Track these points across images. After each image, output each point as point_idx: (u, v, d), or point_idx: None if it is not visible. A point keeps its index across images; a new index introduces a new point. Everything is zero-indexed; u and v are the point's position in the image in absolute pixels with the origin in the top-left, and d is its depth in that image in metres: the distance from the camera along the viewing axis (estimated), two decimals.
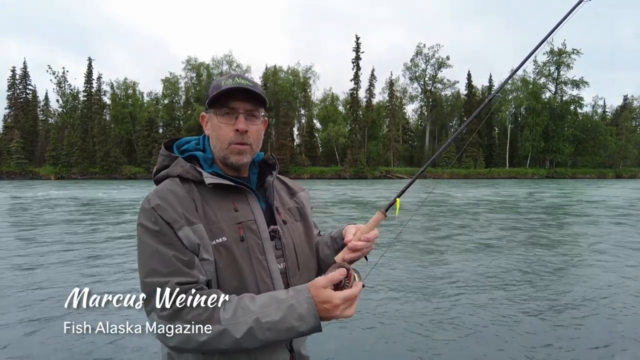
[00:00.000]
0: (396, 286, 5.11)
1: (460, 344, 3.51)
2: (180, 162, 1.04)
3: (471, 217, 12.41)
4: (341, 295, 0.90)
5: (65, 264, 6.36)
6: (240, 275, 0.97)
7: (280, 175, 1.24)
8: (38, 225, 10.69)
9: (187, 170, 1.01)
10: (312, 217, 1.26)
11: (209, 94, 1.04)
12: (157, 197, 0.95)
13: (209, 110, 1.06)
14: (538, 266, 6.14)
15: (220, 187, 1.01)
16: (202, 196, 1.00)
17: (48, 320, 3.94)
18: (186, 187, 0.99)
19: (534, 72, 65.09)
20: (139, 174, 55.43)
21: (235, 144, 1.03)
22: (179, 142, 1.13)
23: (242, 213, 1.02)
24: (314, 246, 1.21)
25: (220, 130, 1.03)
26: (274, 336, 0.87)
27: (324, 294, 0.89)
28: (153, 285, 0.89)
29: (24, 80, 64.68)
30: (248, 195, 1.05)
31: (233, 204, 1.02)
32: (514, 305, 4.42)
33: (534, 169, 60.87)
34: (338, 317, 0.91)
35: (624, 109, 69.79)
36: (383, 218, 1.11)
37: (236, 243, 0.98)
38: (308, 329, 0.89)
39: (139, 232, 0.95)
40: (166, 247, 0.91)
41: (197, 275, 0.91)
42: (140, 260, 0.95)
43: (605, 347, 3.41)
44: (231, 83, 1.01)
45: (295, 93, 65.74)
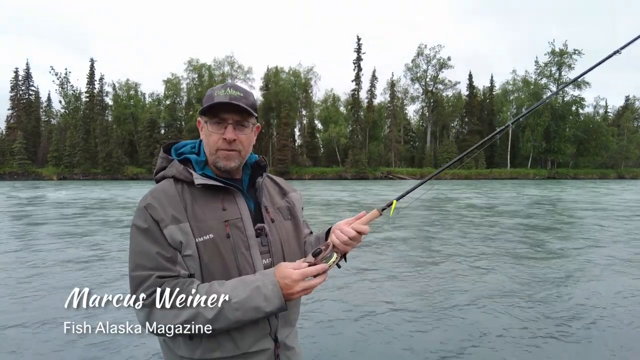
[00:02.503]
0: (394, 285, 5.11)
1: (458, 344, 3.50)
2: (175, 164, 1.14)
3: (472, 217, 12.39)
4: (299, 272, 1.01)
5: (65, 264, 6.37)
6: (226, 269, 1.05)
7: (279, 176, 1.35)
8: (38, 225, 10.72)
9: (180, 172, 1.10)
10: (302, 216, 1.33)
11: (203, 103, 1.13)
12: (150, 197, 1.06)
13: (202, 117, 1.14)
14: (540, 267, 6.12)
15: (210, 187, 1.09)
16: (192, 196, 1.08)
17: (48, 320, 3.95)
18: (179, 187, 1.09)
19: (535, 72, 65.13)
20: (140, 174, 55.53)
21: (223, 150, 1.11)
22: (177, 145, 1.22)
23: (229, 212, 1.09)
24: (302, 243, 1.28)
25: (209, 138, 1.12)
26: (242, 316, 0.97)
27: (284, 271, 1.01)
28: (138, 278, 1.00)
29: (26, 81, 64.98)
30: (236, 195, 1.13)
31: (222, 204, 1.10)
32: (515, 305, 4.41)
33: (535, 169, 60.74)
34: (299, 293, 1.01)
35: (626, 109, 69.61)
36: (378, 215, 1.17)
37: (222, 240, 1.05)
38: (274, 308, 0.99)
39: (131, 229, 1.06)
40: (152, 244, 1.01)
41: (178, 270, 1.01)
42: (130, 255, 1.04)
43: (607, 349, 3.41)
44: (223, 94, 1.10)
45: (297, 94, 65.78)
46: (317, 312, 4.17)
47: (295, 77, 65.73)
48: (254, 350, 1.08)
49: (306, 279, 1.02)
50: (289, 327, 1.18)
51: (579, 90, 62.47)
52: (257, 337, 1.08)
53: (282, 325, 1.14)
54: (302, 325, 3.78)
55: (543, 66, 64.03)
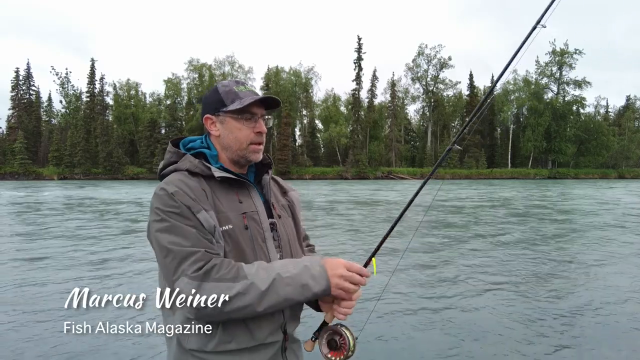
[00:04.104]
0: (397, 287, 5.10)
1: (462, 344, 3.50)
2: (189, 157, 1.13)
3: (473, 218, 12.38)
4: (345, 262, 1.08)
5: (65, 264, 6.38)
6: (244, 259, 1.07)
7: (280, 176, 1.38)
8: (39, 225, 10.73)
9: (196, 165, 1.11)
10: (300, 216, 1.35)
11: (223, 100, 1.13)
12: (173, 185, 1.03)
13: (223, 114, 1.14)
14: (542, 268, 6.12)
15: (226, 180, 1.12)
16: (211, 188, 1.10)
17: (48, 320, 3.95)
18: (195, 180, 1.09)
19: (536, 72, 65.06)
20: (141, 174, 55.51)
21: (254, 144, 1.15)
22: (184, 140, 1.22)
23: (245, 205, 1.13)
24: (302, 243, 1.31)
25: (240, 132, 1.14)
26: (292, 292, 1.00)
27: (333, 261, 1.08)
28: (181, 253, 0.97)
29: (27, 81, 65.01)
30: (250, 189, 1.16)
31: (237, 197, 1.13)
32: (516, 307, 4.41)
33: (536, 169, 60.66)
34: (339, 284, 1.05)
35: (627, 109, 69.50)
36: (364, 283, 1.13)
37: (241, 231, 1.09)
38: (320, 290, 1.04)
39: (156, 216, 1.01)
40: (189, 227, 0.99)
41: (218, 250, 1.02)
42: (162, 241, 0.99)
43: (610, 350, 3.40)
44: (248, 90, 1.15)
45: (297, 94, 65.73)
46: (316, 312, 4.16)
47: (296, 76, 65.68)
48: (268, 341, 1.09)
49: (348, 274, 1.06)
50: (296, 321, 1.21)
51: (579, 89, 62.49)
52: (272, 329, 1.10)
53: (290, 319, 1.16)
54: (302, 324, 3.77)
55: (544, 66, 63.97)
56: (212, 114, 1.16)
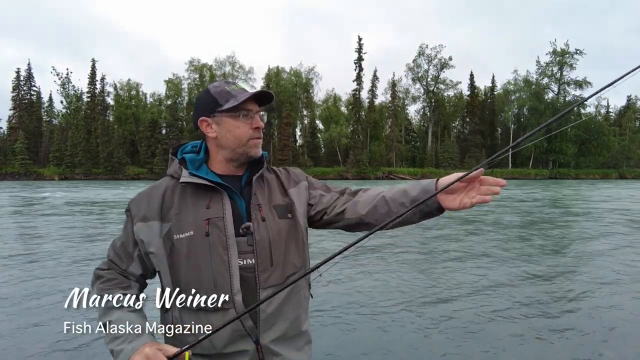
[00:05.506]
0: (392, 286, 5.10)
1: (461, 344, 3.48)
2: (174, 163, 1.19)
3: (473, 218, 12.37)
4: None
5: (65, 264, 6.37)
6: (198, 268, 1.06)
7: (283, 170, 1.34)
8: (39, 225, 10.73)
9: (175, 171, 1.17)
10: (311, 199, 1.31)
11: (217, 100, 1.13)
12: (138, 194, 1.17)
13: (219, 115, 1.13)
14: (542, 268, 6.10)
15: (199, 186, 1.12)
16: (182, 194, 1.13)
17: (48, 320, 3.95)
18: (171, 185, 1.16)
19: (536, 72, 65.06)
20: (142, 174, 55.57)
21: (254, 139, 1.16)
22: (183, 147, 1.26)
23: (212, 210, 1.10)
24: (301, 242, 1.22)
25: (238, 130, 1.14)
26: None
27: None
28: (107, 253, 1.19)
29: (28, 82, 65.06)
30: (223, 194, 1.13)
31: (208, 202, 1.11)
32: (516, 304, 4.40)
33: (536, 169, 60.67)
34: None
35: (628, 109, 69.45)
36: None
37: (201, 238, 1.07)
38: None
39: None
40: (124, 234, 1.15)
41: (126, 264, 1.14)
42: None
43: (608, 350, 3.39)
44: (240, 88, 1.16)
45: (298, 94, 65.75)
46: (317, 312, 4.16)
47: (297, 77, 65.70)
48: (229, 351, 1.06)
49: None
50: (275, 331, 1.11)
51: (580, 90, 62.45)
52: (232, 337, 1.06)
53: (265, 329, 1.09)
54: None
55: (544, 66, 63.98)
56: (207, 116, 1.14)
